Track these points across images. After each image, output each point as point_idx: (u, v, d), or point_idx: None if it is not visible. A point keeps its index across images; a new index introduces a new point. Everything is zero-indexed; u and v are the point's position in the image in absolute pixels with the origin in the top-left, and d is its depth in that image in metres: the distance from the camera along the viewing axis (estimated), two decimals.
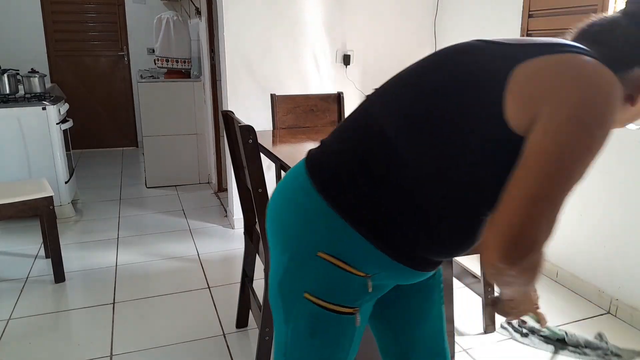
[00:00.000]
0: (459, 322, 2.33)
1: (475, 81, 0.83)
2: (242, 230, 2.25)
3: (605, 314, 2.44)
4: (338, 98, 2.94)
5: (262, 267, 1.86)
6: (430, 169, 0.83)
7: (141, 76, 4.67)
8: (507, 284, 0.88)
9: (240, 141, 1.70)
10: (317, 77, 3.47)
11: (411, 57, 3.91)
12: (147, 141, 4.46)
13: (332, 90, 3.49)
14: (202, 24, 4.15)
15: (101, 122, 6.01)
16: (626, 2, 0.91)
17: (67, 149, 3.79)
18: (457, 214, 0.86)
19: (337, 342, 0.94)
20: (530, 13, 2.81)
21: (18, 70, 3.77)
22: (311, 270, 0.89)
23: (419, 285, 1.11)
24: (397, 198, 0.85)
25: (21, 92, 3.64)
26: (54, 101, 3.56)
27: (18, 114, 3.37)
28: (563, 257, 2.73)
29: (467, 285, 2.34)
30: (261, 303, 1.88)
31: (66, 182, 3.64)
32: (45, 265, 2.89)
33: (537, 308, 1.22)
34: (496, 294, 1.19)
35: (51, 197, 2.64)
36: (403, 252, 0.88)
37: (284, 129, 2.80)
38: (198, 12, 4.29)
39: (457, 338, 2.21)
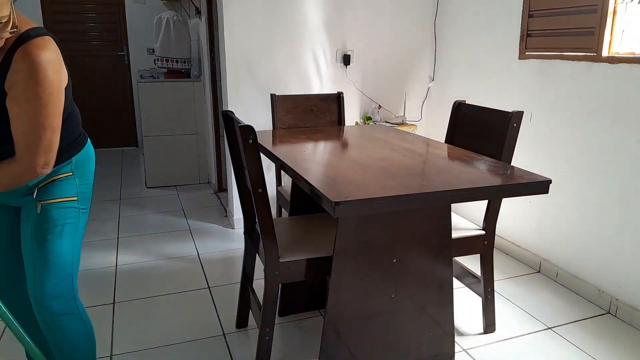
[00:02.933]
0: (459, 322, 2.33)
1: None
2: (242, 230, 2.25)
3: (605, 313, 2.44)
4: (338, 98, 2.94)
5: (262, 267, 1.86)
6: None
7: (141, 76, 4.67)
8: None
9: (240, 141, 1.70)
10: (317, 77, 3.47)
11: (411, 57, 3.93)
12: (147, 141, 4.46)
13: (332, 90, 3.49)
14: (202, 24, 4.15)
15: (101, 122, 6.01)
16: None
17: None
18: None
19: None
20: (530, 13, 2.81)
21: None
22: None
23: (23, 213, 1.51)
24: None
25: None
26: None
27: None
28: (563, 257, 2.73)
29: (467, 285, 2.34)
30: (261, 303, 1.88)
31: None
32: None
33: None
34: None
35: None
36: None
37: (284, 129, 2.80)
38: (198, 12, 4.29)
39: (457, 338, 2.21)
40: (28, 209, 1.49)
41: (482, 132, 2.24)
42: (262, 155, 1.85)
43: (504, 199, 2.24)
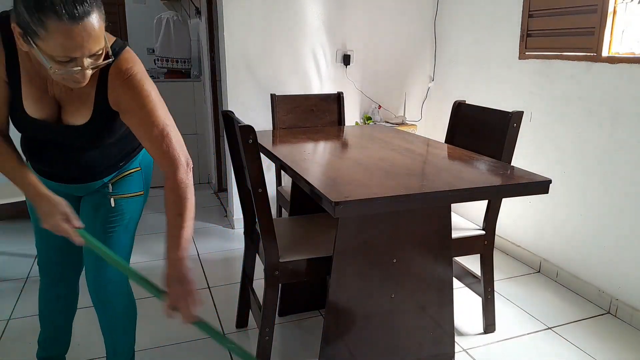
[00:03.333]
0: (459, 322, 2.33)
1: None
2: (242, 230, 2.25)
3: (605, 314, 2.44)
4: (338, 98, 2.94)
5: (262, 267, 1.86)
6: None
7: None
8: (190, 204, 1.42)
9: (240, 141, 1.70)
10: (317, 77, 3.47)
11: (411, 57, 3.92)
12: None
13: (332, 90, 3.49)
14: (202, 24, 4.15)
15: None
16: None
17: None
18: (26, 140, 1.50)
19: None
20: (530, 13, 2.81)
21: None
22: None
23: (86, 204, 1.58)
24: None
25: None
26: None
27: None
28: (563, 257, 2.73)
29: (467, 285, 2.34)
30: (261, 303, 1.88)
31: None
32: None
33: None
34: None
35: None
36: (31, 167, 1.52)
37: (284, 129, 2.80)
38: (198, 12, 4.29)
39: (457, 338, 2.21)
40: (96, 200, 1.56)
41: (482, 132, 2.24)
42: (262, 155, 1.85)
43: (503, 199, 2.24)
